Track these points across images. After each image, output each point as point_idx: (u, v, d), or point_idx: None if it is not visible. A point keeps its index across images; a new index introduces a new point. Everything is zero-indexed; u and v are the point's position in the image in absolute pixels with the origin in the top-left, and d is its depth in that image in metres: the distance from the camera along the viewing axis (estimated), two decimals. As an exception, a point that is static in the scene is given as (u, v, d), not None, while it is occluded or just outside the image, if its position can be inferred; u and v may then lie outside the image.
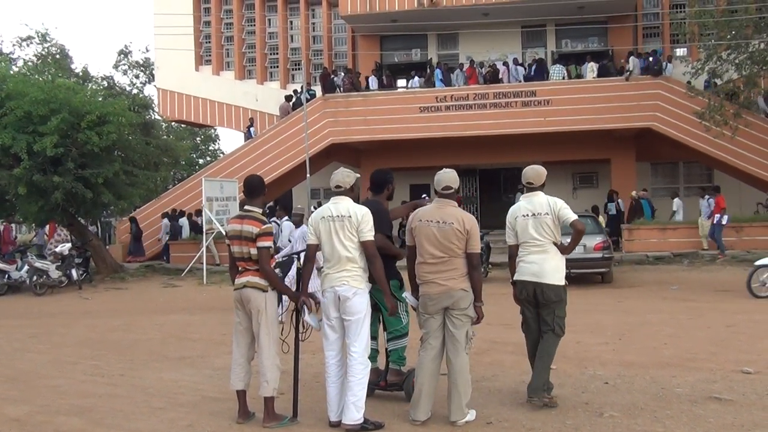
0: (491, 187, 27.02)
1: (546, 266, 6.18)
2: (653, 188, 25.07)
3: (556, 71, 23.36)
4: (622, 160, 23.83)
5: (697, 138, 21.28)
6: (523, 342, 6.48)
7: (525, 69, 23.84)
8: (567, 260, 6.55)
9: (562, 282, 6.30)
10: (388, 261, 6.02)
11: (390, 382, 6.46)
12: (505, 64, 24.20)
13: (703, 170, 25.53)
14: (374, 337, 6.33)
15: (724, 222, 18.22)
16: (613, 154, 23.85)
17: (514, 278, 6.34)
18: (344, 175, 5.75)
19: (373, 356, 6.25)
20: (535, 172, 6.33)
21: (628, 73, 22.45)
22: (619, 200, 22.18)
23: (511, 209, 6.44)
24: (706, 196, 19.56)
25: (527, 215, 6.22)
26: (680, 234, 19.75)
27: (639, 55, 23.39)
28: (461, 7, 24.11)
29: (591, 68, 23.03)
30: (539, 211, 6.18)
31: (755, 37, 19.73)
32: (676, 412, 5.82)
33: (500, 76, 23.59)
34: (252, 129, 26.32)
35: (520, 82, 23.37)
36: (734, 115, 19.68)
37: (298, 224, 12.39)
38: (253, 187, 5.89)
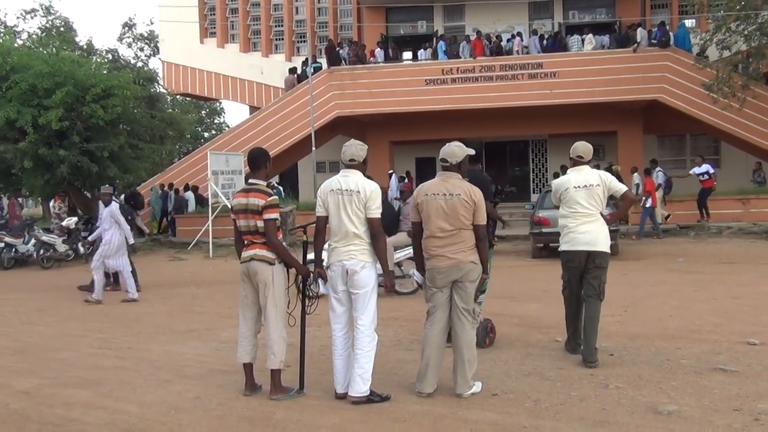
0: (498, 160, 26.93)
1: (599, 236, 6.63)
2: (661, 161, 24.95)
3: (575, 42, 23.11)
4: (628, 132, 23.71)
5: (705, 110, 21.14)
6: (529, 314, 6.56)
7: (543, 40, 23.57)
8: None
9: (609, 249, 6.74)
10: (489, 227, 6.67)
11: None
12: (519, 35, 24.01)
13: (710, 142, 25.41)
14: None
15: (647, 205, 18.00)
16: (619, 126, 23.72)
17: (566, 248, 6.71)
18: (358, 149, 5.66)
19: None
20: (586, 147, 6.82)
21: (636, 44, 22.24)
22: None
23: (560, 180, 6.94)
24: (657, 168, 19.53)
25: (579, 186, 6.63)
26: (684, 206, 19.62)
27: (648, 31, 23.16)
28: (468, -22, 23.91)
29: (589, 40, 22.82)
30: (591, 183, 6.62)
31: (765, 8, 19.51)
32: (681, 384, 5.83)
33: (515, 49, 23.35)
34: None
35: (539, 52, 23.13)
36: (742, 87, 19.54)
37: (107, 203, 11.78)
38: (255, 159, 5.86)
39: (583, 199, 6.62)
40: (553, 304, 9.88)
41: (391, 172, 23.95)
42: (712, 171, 19.04)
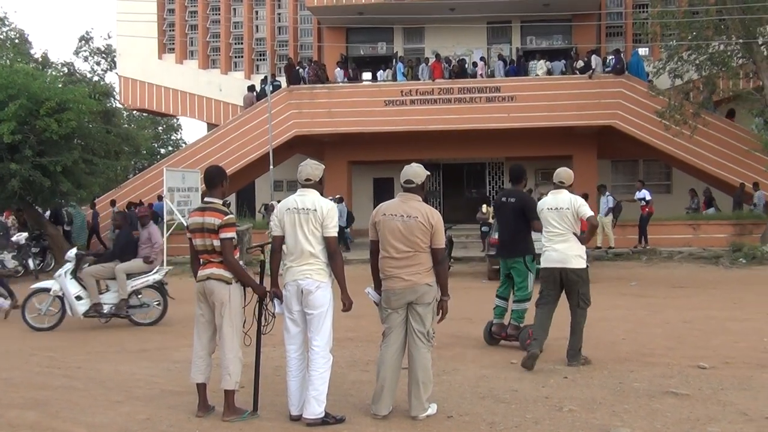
0: (454, 182, 27.11)
1: (569, 253, 7.35)
2: (614, 185, 25.36)
3: (533, 67, 23.46)
4: (583, 157, 24.05)
5: (657, 136, 21.60)
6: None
7: (506, 64, 23.90)
8: None
9: (583, 265, 7.46)
10: (528, 236, 8.25)
11: (509, 334, 8.37)
12: (483, 59, 24.30)
13: (662, 168, 25.93)
14: (504, 297, 8.57)
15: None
16: (575, 150, 24.06)
17: (543, 264, 7.50)
18: (313, 168, 5.67)
19: (500, 313, 8.54)
20: (567, 173, 7.63)
21: (591, 71, 22.66)
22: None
23: (540, 202, 7.76)
24: (606, 193, 19.90)
25: (551, 209, 7.45)
26: (633, 231, 19.96)
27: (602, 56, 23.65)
28: (427, 2, 24.16)
29: (541, 66, 23.20)
30: (562, 206, 7.39)
31: (715, 39, 20.10)
32: (634, 407, 5.90)
33: (479, 72, 23.62)
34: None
35: (503, 77, 23.42)
36: (693, 115, 20.05)
37: None
38: (212, 177, 5.81)
39: (554, 220, 7.40)
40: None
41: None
42: (648, 197, 19.44)
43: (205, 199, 5.80)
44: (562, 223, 7.36)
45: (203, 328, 5.79)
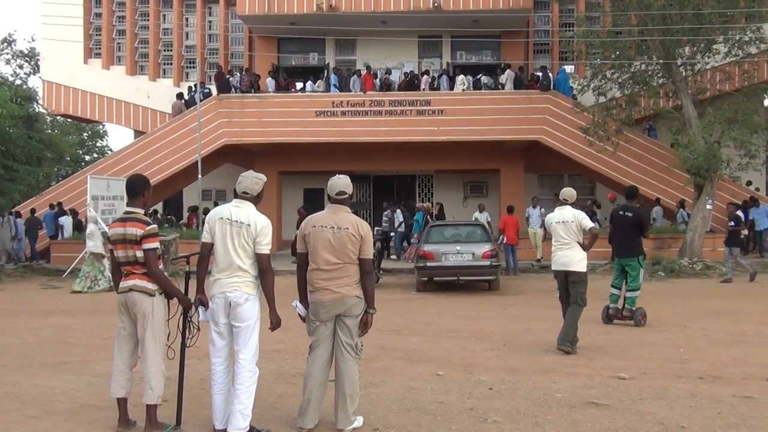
0: (385, 194, 27.24)
1: (573, 258, 8.99)
2: (540, 199, 25.89)
3: (456, 81, 23.80)
4: (511, 170, 24.54)
5: (582, 152, 22.20)
6: (411, 348, 6.67)
7: (448, 78, 24.15)
8: (455, 268, 11.48)
9: (584, 269, 9.04)
10: (640, 241, 10.84)
11: (625, 315, 10.85)
12: (426, 72, 24.52)
13: (586, 183, 26.59)
14: (618, 287, 11.01)
15: (504, 242, 18.72)
16: (502, 164, 24.52)
17: (553, 268, 9.28)
18: (253, 182, 5.55)
19: (615, 299, 11.01)
20: (571, 192, 9.36)
21: (501, 86, 23.26)
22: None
23: (547, 217, 9.58)
24: (539, 206, 20.39)
25: (558, 222, 9.10)
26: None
27: (520, 69, 24.21)
28: (360, 14, 24.26)
29: (462, 81, 23.59)
30: (567, 219, 9.04)
31: (637, 59, 20.81)
32: (556, 417, 6.02)
33: (423, 86, 23.81)
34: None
35: (447, 90, 23.68)
36: (616, 132, 20.68)
37: None
38: (134, 187, 5.68)
39: (562, 231, 9.03)
40: (436, 337, 10.06)
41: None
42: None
43: (127, 209, 5.67)
44: (569, 233, 8.99)
45: (124, 341, 5.65)
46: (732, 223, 17.10)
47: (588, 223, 9.04)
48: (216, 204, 22.16)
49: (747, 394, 6.70)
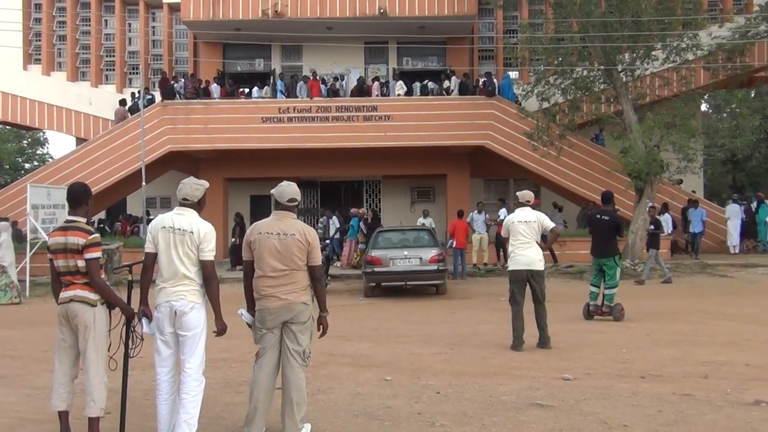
0: (332, 200, 27.22)
1: (535, 257, 9.36)
2: (486, 203, 26.19)
3: (395, 87, 23.93)
4: (457, 175, 24.76)
5: (527, 157, 22.51)
6: (359, 353, 6.68)
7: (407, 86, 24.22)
8: (402, 273, 11.84)
9: (543, 267, 9.51)
10: (616, 242, 11.78)
11: (604, 312, 11.68)
12: (377, 79, 24.54)
13: (531, 187, 26.89)
14: (597, 285, 11.83)
15: (452, 246, 18.93)
16: (449, 169, 24.73)
17: (513, 267, 9.43)
18: (193, 188, 5.53)
19: (594, 297, 11.83)
20: (529, 194, 9.66)
21: (447, 92, 23.52)
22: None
23: (509, 217, 9.77)
24: (483, 211, 20.67)
25: (521, 221, 9.40)
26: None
27: (465, 75, 24.47)
28: (305, 20, 24.23)
29: (400, 86, 23.76)
30: (529, 219, 9.41)
31: (579, 65, 21.22)
32: (502, 419, 6.10)
33: (374, 93, 23.83)
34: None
35: (399, 96, 23.74)
36: (559, 136, 21.04)
37: None
38: (75, 195, 5.59)
39: (524, 231, 9.35)
40: (384, 342, 10.09)
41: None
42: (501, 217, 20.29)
43: (68, 218, 5.56)
44: (530, 233, 9.35)
45: (65, 353, 5.54)
46: (651, 227, 17.69)
47: (550, 223, 9.54)
48: (148, 213, 21.86)
49: (686, 392, 6.89)
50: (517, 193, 9.82)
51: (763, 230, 22.61)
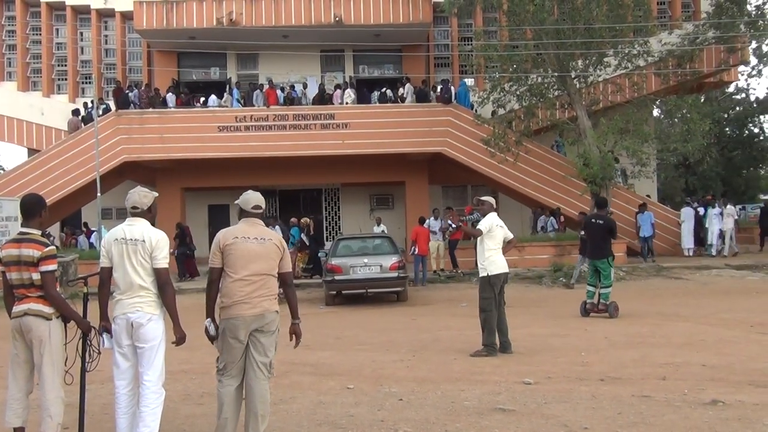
0: (291, 208, 27.12)
1: (506, 262, 9.56)
2: (444, 210, 26.31)
3: (345, 95, 23.93)
4: (415, 182, 24.85)
5: (484, 163, 22.70)
6: (321, 362, 6.64)
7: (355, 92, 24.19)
8: (363, 280, 9.86)
9: None
10: (610, 245, 12.69)
11: (600, 309, 12.40)
12: (339, 86, 24.51)
13: (489, 193, 27.15)
14: (593, 285, 12.56)
15: (415, 252, 18.99)
16: (407, 176, 24.81)
17: (498, 271, 9.36)
18: (141, 196, 5.47)
19: (591, 295, 12.62)
20: (493, 200, 9.81)
21: (402, 99, 23.65)
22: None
23: (491, 219, 9.48)
24: (440, 218, 20.77)
25: (499, 226, 9.49)
26: (466, 253, 20.77)
27: (423, 82, 24.62)
28: (261, 28, 24.14)
29: (348, 95, 23.83)
30: (503, 225, 9.57)
31: (533, 72, 21.48)
32: (465, 425, 6.12)
33: (337, 100, 23.78)
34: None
35: (346, 104, 23.70)
36: (516, 143, 21.26)
37: None
38: (29, 207, 5.46)
39: (501, 235, 9.48)
40: (346, 351, 10.06)
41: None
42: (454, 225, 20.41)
43: (22, 229, 5.44)
44: (503, 238, 9.52)
45: (19, 368, 5.40)
46: (582, 233, 17.87)
47: (509, 233, 9.68)
48: (86, 225, 21.48)
49: (645, 394, 6.99)
50: (489, 199, 9.76)
51: (707, 233, 22.87)
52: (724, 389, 7.08)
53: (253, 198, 5.65)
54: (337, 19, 24.01)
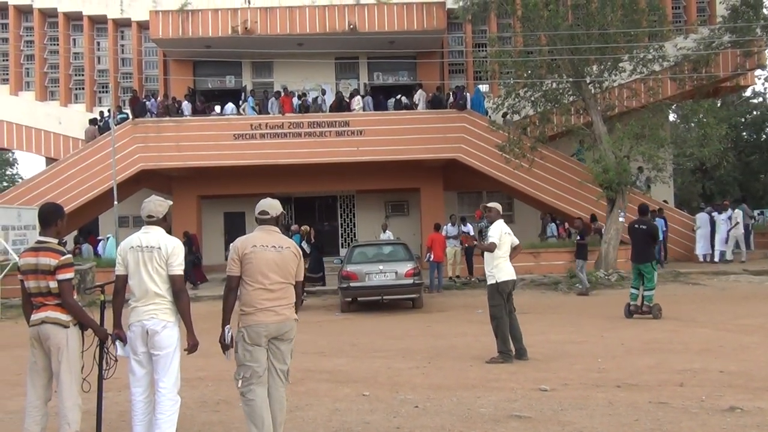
0: (307, 215, 27.19)
1: (513, 268, 9.65)
2: (460, 216, 26.26)
3: (354, 102, 23.96)
4: (430, 189, 24.85)
5: (499, 169, 22.65)
6: (337, 369, 6.63)
7: (372, 99, 24.19)
8: (378, 287, 9.50)
9: None
10: (653, 249, 13.37)
11: (644, 311, 12.91)
12: (356, 93, 24.57)
13: (504, 199, 27.09)
14: (636, 288, 13.04)
15: (431, 259, 18.87)
16: (422, 183, 24.81)
17: (506, 278, 9.44)
18: (156, 204, 5.53)
19: (635, 297, 13.06)
20: (499, 207, 9.88)
21: (414, 106, 23.66)
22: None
23: (501, 227, 9.54)
24: (457, 224, 20.63)
25: (507, 233, 9.52)
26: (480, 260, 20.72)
27: (438, 89, 24.62)
28: (276, 36, 24.26)
29: (357, 101, 23.84)
30: (510, 232, 9.62)
31: (548, 77, 21.43)
32: (481, 432, 6.11)
33: (354, 107, 23.83)
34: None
35: (354, 111, 23.75)
36: (531, 149, 21.20)
37: None
38: (46, 216, 5.51)
39: (508, 242, 9.53)
40: (362, 357, 10.06)
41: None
42: (472, 231, 20.34)
43: (39, 238, 5.49)
44: (511, 244, 9.58)
45: (37, 376, 5.44)
46: (578, 237, 18.00)
47: (516, 239, 9.77)
48: (89, 232, 21.52)
49: (662, 400, 6.95)
50: (496, 205, 9.87)
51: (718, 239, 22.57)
52: (742, 396, 7.02)
53: (261, 204, 5.66)
54: (351, 26, 24.09)
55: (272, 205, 5.66)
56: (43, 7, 26.71)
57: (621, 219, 19.90)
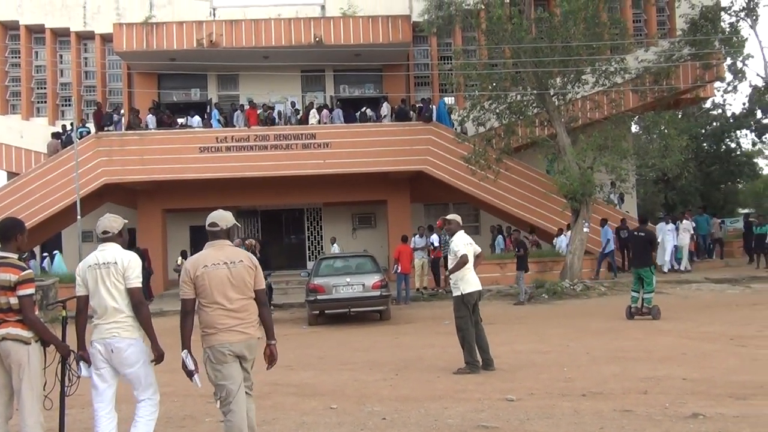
0: (274, 229, 27.08)
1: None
2: (427, 225, 26.35)
3: (310, 115, 23.96)
4: (397, 201, 24.88)
5: (465, 181, 22.77)
6: (304, 382, 6.60)
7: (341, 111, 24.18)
8: (346, 300, 9.63)
9: None
10: (651, 255, 14.27)
11: (644, 312, 13.80)
12: (326, 106, 24.53)
13: (471, 210, 27.25)
14: (636, 291, 13.94)
15: (398, 271, 19.10)
16: (389, 195, 24.83)
17: (471, 290, 9.48)
18: (111, 220, 5.55)
19: (635, 300, 13.96)
20: (459, 218, 9.98)
21: (381, 117, 23.79)
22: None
23: (464, 238, 9.72)
24: (425, 236, 20.89)
25: (469, 243, 9.64)
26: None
27: (403, 101, 24.75)
28: (241, 49, 24.18)
29: (313, 114, 23.85)
30: (473, 242, 9.77)
31: (512, 90, 21.66)
32: (448, 443, 6.12)
33: (323, 120, 23.79)
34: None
35: (342, 123, 23.75)
36: (496, 160, 21.38)
37: None
38: (5, 230, 5.45)
39: (471, 252, 9.61)
40: (329, 370, 10.03)
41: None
42: (437, 243, 20.45)
43: (-1, 254, 5.42)
44: (474, 253, 9.65)
45: (-2, 393, 5.37)
46: (517, 249, 18.40)
47: (478, 248, 9.92)
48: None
49: (627, 408, 7.03)
50: (456, 217, 9.95)
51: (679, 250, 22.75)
52: (704, 402, 7.14)
53: (211, 216, 5.55)
54: (317, 39, 24.12)
55: (223, 217, 5.53)
56: (4, 20, 26.41)
57: (585, 229, 20.14)
